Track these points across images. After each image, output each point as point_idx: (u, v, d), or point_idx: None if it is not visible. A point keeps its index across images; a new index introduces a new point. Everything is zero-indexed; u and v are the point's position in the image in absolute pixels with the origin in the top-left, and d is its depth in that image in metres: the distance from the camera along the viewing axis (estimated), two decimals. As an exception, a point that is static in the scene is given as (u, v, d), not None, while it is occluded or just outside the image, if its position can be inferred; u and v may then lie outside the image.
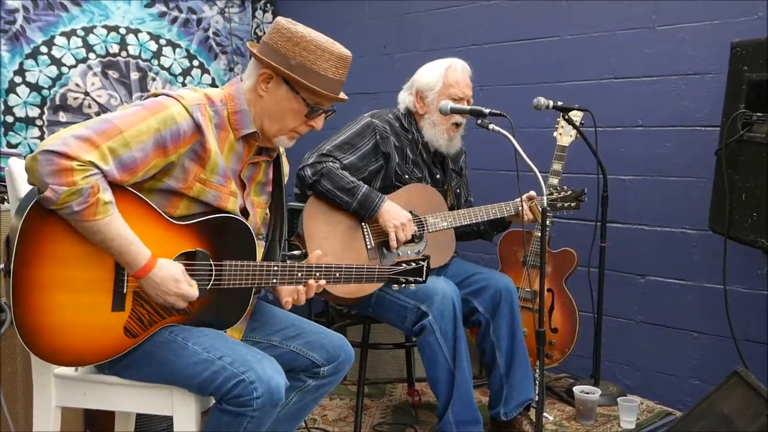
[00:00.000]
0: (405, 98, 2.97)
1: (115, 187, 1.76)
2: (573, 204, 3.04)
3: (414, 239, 2.77)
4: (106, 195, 1.70)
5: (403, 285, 2.23)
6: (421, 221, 2.81)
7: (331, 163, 2.71)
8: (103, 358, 1.84)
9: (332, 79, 1.96)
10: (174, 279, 1.81)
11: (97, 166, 1.68)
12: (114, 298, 1.80)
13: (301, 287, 2.04)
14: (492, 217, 2.90)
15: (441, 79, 2.88)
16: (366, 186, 2.71)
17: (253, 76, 1.98)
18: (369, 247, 2.73)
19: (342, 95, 2.02)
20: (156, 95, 1.88)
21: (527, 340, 3.03)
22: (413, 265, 2.22)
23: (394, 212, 2.71)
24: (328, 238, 2.68)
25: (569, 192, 3.03)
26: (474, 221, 2.88)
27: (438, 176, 2.99)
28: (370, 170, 2.82)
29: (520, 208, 2.87)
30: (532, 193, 2.89)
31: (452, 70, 2.90)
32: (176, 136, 1.81)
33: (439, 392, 2.71)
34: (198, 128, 1.85)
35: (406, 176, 2.87)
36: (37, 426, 1.97)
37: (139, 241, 1.77)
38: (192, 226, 1.89)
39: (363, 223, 2.75)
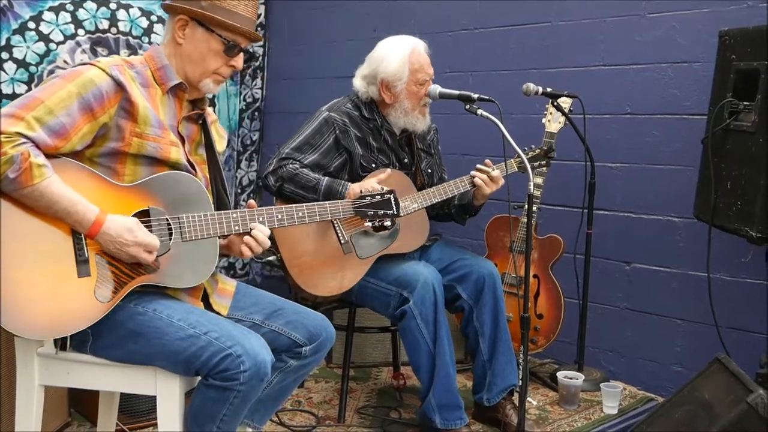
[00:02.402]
0: (367, 89, 2.88)
1: (57, 158, 1.82)
2: (543, 162, 3.03)
3: (383, 223, 2.77)
4: (39, 159, 1.75)
5: (377, 220, 2.22)
6: None
7: (290, 165, 2.70)
8: (80, 326, 1.83)
9: (243, 15, 2.04)
10: (128, 229, 1.83)
11: (24, 136, 1.75)
12: (77, 264, 1.82)
13: (248, 238, 2.02)
14: (462, 190, 2.87)
15: (406, 66, 2.80)
16: (326, 178, 2.71)
17: (169, 28, 2.06)
18: (342, 241, 2.70)
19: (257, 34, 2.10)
20: (75, 66, 1.94)
21: (513, 325, 3.05)
22: (378, 198, 2.23)
23: (359, 191, 2.66)
24: (301, 240, 2.68)
25: (537, 151, 3.02)
26: (445, 197, 2.85)
27: (406, 160, 2.96)
28: (335, 165, 2.80)
29: (474, 179, 2.83)
30: (487, 161, 2.85)
31: (416, 54, 2.83)
32: (99, 96, 1.86)
33: (421, 376, 2.73)
34: (119, 86, 1.89)
35: (373, 165, 2.84)
36: (20, 405, 1.97)
37: (85, 200, 1.81)
38: (140, 185, 1.93)
39: (333, 219, 2.74)
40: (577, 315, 3.33)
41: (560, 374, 3.17)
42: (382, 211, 2.23)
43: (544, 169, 3.11)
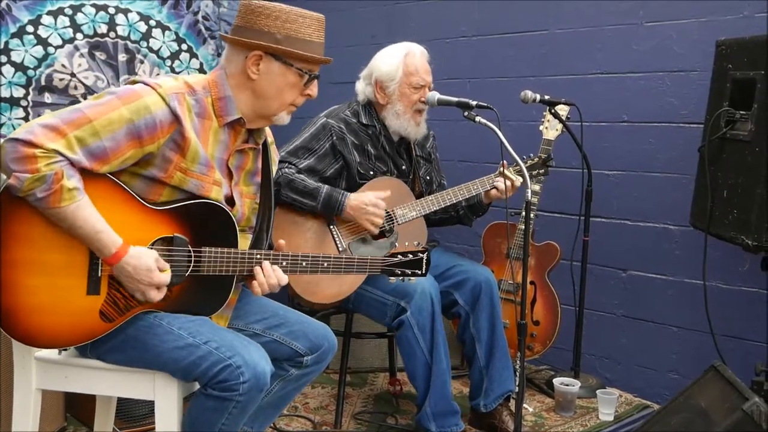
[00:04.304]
0: (364, 89, 2.91)
1: (91, 172, 1.76)
2: (542, 171, 3.04)
3: (384, 234, 2.77)
4: (71, 182, 1.69)
5: (401, 278, 2.18)
6: (390, 214, 2.80)
7: (287, 169, 2.69)
8: (78, 342, 1.83)
9: (318, 42, 2.00)
10: (147, 269, 1.79)
11: (62, 154, 1.68)
12: (89, 281, 1.80)
13: (262, 273, 1.98)
14: (460, 198, 2.87)
15: (400, 68, 2.82)
16: (326, 186, 2.70)
17: (238, 62, 1.97)
18: (340, 248, 2.72)
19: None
20: (134, 83, 1.86)
21: (509, 332, 3.05)
22: (410, 256, 2.17)
23: (359, 201, 2.69)
24: (299, 247, 2.68)
25: (535, 159, 3.03)
26: (443, 206, 2.86)
27: (404, 167, 2.97)
28: (331, 172, 2.80)
29: (496, 183, 2.84)
30: (504, 162, 2.84)
31: (411, 57, 2.84)
32: (152, 126, 1.79)
33: (417, 385, 2.73)
34: (176, 117, 1.83)
35: (371, 173, 2.84)
36: (17, 408, 1.97)
37: (110, 229, 1.76)
38: (170, 211, 1.88)
39: (331, 226, 2.74)
40: (573, 322, 3.34)
41: (556, 381, 3.17)
42: (410, 271, 2.17)
43: (542, 177, 3.12)
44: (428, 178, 3.06)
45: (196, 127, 1.90)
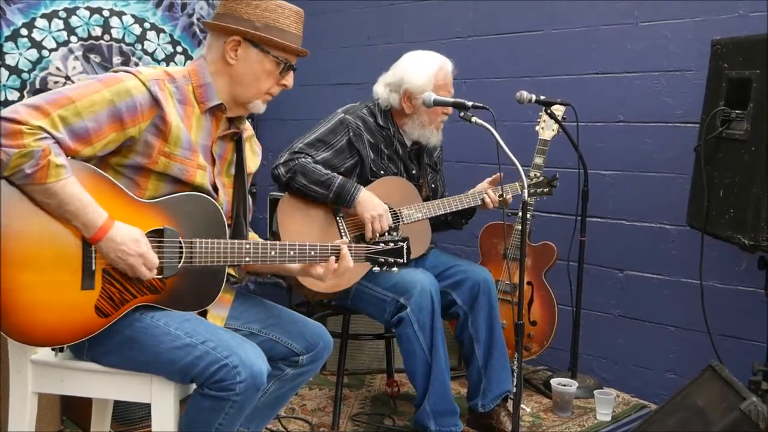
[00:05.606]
0: (388, 96, 2.90)
1: (80, 165, 1.79)
2: (546, 190, 3.07)
3: (390, 231, 2.78)
4: (59, 159, 1.71)
5: (384, 267, 2.22)
6: (396, 213, 2.81)
7: (303, 159, 2.71)
8: (74, 339, 1.81)
9: (295, 34, 2.05)
10: (134, 239, 1.80)
11: (47, 131, 1.70)
12: (83, 275, 1.79)
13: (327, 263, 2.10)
14: (466, 206, 2.90)
15: (432, 81, 2.83)
16: (340, 177, 2.71)
17: (217, 48, 2.02)
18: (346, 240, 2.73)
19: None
20: (115, 71, 1.90)
21: (506, 332, 3.05)
22: (391, 245, 2.22)
23: (370, 202, 2.71)
24: (302, 234, 2.68)
25: (541, 179, 3.07)
26: (449, 210, 2.88)
27: (414, 171, 2.99)
28: (346, 166, 2.82)
29: (485, 195, 2.90)
30: (497, 175, 2.88)
31: (443, 72, 2.87)
32: (132, 109, 1.82)
33: (417, 383, 2.73)
34: (156, 102, 1.86)
35: (382, 172, 2.87)
36: (13, 411, 1.96)
37: (96, 204, 1.77)
38: (159, 203, 1.90)
39: (338, 218, 2.75)
40: (570, 322, 3.34)
41: (554, 381, 3.17)
42: (392, 260, 2.22)
43: (546, 197, 3.13)
44: (434, 186, 3.09)
45: (180, 113, 1.93)
